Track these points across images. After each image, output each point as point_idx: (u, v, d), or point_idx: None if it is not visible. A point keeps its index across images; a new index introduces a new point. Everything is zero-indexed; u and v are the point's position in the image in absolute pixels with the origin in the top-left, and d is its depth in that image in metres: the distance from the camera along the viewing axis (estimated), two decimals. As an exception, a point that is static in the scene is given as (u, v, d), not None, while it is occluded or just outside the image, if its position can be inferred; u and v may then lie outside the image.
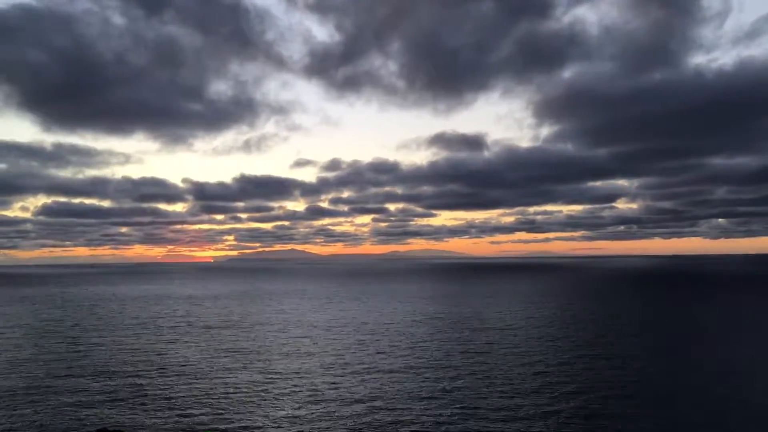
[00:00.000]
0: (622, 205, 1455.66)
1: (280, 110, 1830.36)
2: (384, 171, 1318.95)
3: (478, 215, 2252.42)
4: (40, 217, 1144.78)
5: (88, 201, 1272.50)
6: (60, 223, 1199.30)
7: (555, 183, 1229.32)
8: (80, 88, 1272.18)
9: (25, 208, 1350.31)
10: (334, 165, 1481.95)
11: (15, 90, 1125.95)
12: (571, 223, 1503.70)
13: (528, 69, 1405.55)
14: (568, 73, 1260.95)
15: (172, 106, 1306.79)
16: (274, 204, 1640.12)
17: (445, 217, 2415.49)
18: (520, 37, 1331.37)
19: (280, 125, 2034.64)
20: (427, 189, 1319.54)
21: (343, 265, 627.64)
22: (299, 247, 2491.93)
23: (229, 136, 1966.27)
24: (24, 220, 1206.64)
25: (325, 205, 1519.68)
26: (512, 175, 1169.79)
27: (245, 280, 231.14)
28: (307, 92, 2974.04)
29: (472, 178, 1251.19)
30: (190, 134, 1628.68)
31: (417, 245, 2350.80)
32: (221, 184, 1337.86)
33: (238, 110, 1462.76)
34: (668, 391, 37.36)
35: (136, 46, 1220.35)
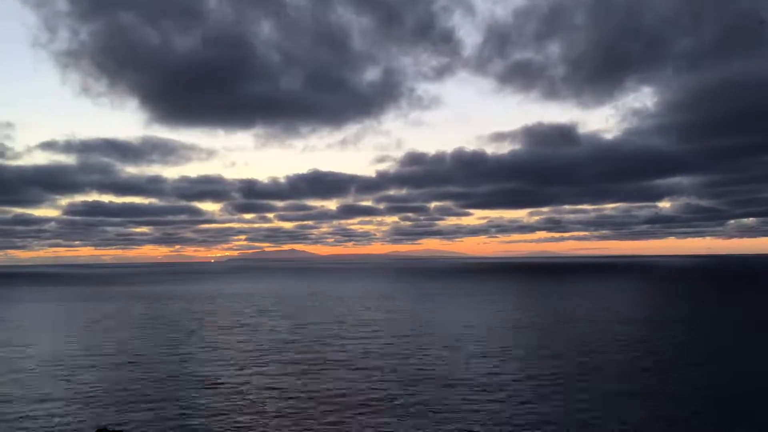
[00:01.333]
0: (661, 204, 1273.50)
1: (424, 106, 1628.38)
2: (461, 166, 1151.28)
3: (509, 214, 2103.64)
4: (65, 216, 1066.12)
5: (128, 200, 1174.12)
6: (84, 222, 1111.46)
7: (617, 180, 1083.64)
8: (208, 79, 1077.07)
9: (60, 206, 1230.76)
10: (408, 160, 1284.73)
11: (139, 81, 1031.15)
12: (595, 223, 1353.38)
13: (704, 55, 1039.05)
14: (741, 59, 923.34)
15: (303, 98, 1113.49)
16: (316, 203, 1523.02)
17: (477, 216, 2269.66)
18: (726, 17, 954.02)
19: (408, 120, 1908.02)
20: (484, 186, 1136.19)
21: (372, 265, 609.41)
22: (299, 248, 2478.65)
23: (351, 131, 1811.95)
24: (49, 219, 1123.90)
25: (368, 203, 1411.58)
26: (580, 172, 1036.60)
27: (288, 280, 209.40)
28: (460, 85, 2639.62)
29: (541, 173, 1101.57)
30: (310, 130, 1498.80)
31: (422, 246, 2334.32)
32: (274, 182, 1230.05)
33: (378, 103, 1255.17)
34: None
35: (290, 34, 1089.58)
